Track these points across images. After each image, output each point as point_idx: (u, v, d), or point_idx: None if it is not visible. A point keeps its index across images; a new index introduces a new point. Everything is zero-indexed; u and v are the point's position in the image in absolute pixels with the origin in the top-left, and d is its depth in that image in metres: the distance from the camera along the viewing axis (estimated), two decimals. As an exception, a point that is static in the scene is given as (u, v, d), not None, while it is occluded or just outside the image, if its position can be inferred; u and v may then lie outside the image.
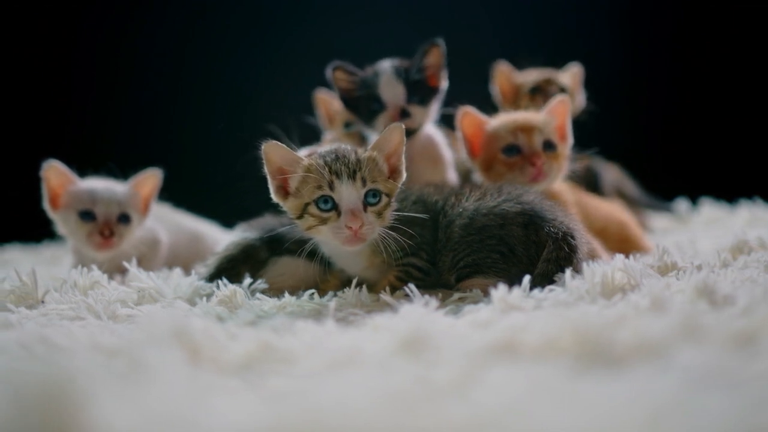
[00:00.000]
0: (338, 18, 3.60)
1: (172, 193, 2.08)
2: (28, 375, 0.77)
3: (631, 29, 3.75)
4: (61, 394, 0.72)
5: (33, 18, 3.59)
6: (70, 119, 3.60)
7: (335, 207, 1.36)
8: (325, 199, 1.36)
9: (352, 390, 0.79)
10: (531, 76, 2.09)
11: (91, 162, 1.92)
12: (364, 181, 1.36)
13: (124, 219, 1.83)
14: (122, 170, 1.93)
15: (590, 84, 2.16)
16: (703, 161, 3.49)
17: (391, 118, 1.70)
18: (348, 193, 1.35)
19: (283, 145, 1.39)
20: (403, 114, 1.71)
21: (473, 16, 3.59)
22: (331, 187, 1.35)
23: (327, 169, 1.36)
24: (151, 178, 1.90)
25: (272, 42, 3.60)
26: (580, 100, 2.12)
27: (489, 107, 1.87)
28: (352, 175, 1.35)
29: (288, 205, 1.42)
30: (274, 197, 1.43)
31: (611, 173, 2.47)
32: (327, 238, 1.39)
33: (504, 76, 2.10)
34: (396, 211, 1.42)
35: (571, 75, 2.11)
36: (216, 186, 1.99)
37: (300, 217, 1.40)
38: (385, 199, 1.39)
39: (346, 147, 1.43)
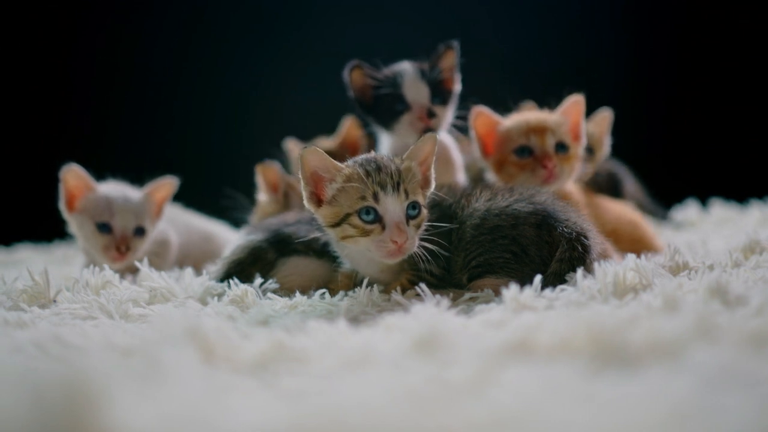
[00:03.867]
0: (337, 20, 3.61)
1: (182, 195, 2.09)
2: (45, 375, 0.77)
3: (637, 27, 3.74)
4: (79, 394, 0.72)
5: (49, 21, 3.61)
6: (82, 121, 3.62)
7: (378, 219, 1.33)
8: (368, 210, 1.32)
9: (369, 389, 0.79)
10: None
11: (102, 162, 1.93)
12: (406, 194, 1.34)
13: (140, 232, 1.84)
14: (133, 170, 1.93)
15: (598, 84, 2.14)
16: (713, 162, 3.48)
17: (418, 118, 1.69)
18: (393, 206, 1.32)
19: (322, 152, 1.36)
20: (430, 114, 1.70)
21: (469, 17, 3.59)
22: (376, 198, 1.32)
23: (370, 179, 1.33)
24: (166, 185, 1.91)
25: (280, 45, 3.61)
26: (606, 147, 1.99)
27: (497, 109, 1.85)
28: (396, 187, 1.33)
29: (322, 213, 1.39)
30: (306, 204, 1.40)
31: (632, 181, 2.45)
32: (365, 249, 1.36)
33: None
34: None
35: (599, 120, 1.97)
36: (224, 187, 2.00)
37: (335, 225, 1.37)
38: (423, 211, 1.38)
39: (383, 156, 1.41)
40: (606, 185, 2.24)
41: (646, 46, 3.71)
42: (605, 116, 1.97)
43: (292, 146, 2.21)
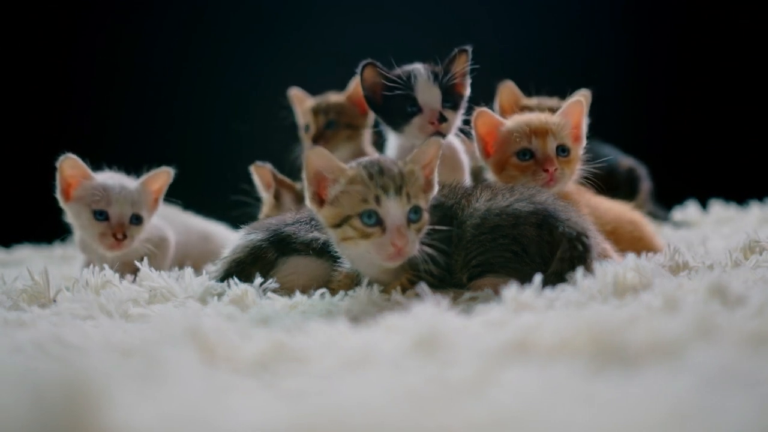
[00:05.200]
0: (337, 20, 3.61)
1: (182, 195, 2.09)
2: (45, 375, 0.77)
3: (637, 27, 3.74)
4: (79, 394, 0.72)
5: (49, 23, 3.61)
6: (82, 122, 3.62)
7: (379, 222, 1.33)
8: (369, 213, 1.32)
9: (369, 389, 0.79)
10: (535, 102, 2.04)
11: (102, 163, 1.93)
12: (408, 197, 1.34)
13: (136, 220, 1.84)
14: (133, 172, 1.94)
15: (598, 84, 2.13)
16: (713, 164, 3.48)
17: (429, 122, 1.69)
18: (395, 210, 1.32)
19: (328, 152, 1.37)
20: (441, 118, 1.70)
21: (469, 16, 3.59)
22: (378, 201, 1.32)
23: (373, 182, 1.33)
24: (162, 175, 1.91)
25: (280, 45, 3.61)
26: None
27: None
28: (398, 191, 1.32)
29: (323, 214, 1.39)
30: (309, 203, 1.41)
31: (648, 183, 2.45)
32: (365, 251, 1.36)
33: (509, 92, 2.06)
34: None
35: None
36: (221, 187, 2.01)
37: (337, 226, 1.37)
38: (425, 215, 1.37)
39: (387, 159, 1.41)
40: (625, 181, 2.25)
41: (646, 46, 3.71)
42: (584, 96, 1.97)
43: (296, 93, 2.25)
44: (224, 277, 1.55)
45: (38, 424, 0.70)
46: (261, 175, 1.98)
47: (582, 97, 1.75)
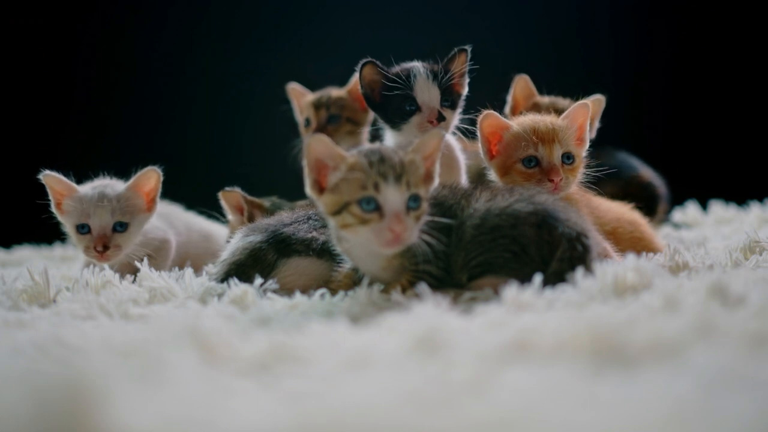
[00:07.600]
0: (337, 21, 3.62)
1: (183, 196, 2.09)
2: (46, 376, 0.77)
3: (637, 29, 3.74)
4: (80, 395, 0.72)
5: (50, 27, 3.61)
6: (82, 123, 3.62)
7: (377, 208, 1.34)
8: (368, 200, 1.33)
9: (369, 390, 0.79)
10: (547, 101, 2.04)
11: (102, 165, 1.93)
12: (408, 185, 1.35)
13: (121, 227, 1.82)
14: (132, 172, 1.93)
15: (597, 86, 2.13)
16: (713, 165, 3.48)
17: (428, 120, 1.71)
18: (393, 197, 1.33)
19: (329, 139, 1.37)
20: (440, 117, 1.72)
21: (468, 17, 3.60)
22: (377, 188, 1.33)
23: (373, 169, 1.34)
24: (150, 174, 1.88)
25: (281, 47, 3.61)
26: (593, 131, 1.97)
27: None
28: (398, 178, 1.34)
29: (324, 201, 1.40)
30: (309, 191, 1.41)
31: (665, 203, 2.45)
32: (364, 238, 1.36)
33: (524, 86, 2.05)
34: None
35: (592, 103, 1.90)
36: (221, 187, 2.01)
37: (336, 214, 1.38)
38: (424, 204, 1.38)
39: (387, 148, 1.42)
40: (642, 197, 2.25)
41: (647, 47, 3.71)
42: (599, 100, 1.98)
43: (294, 87, 2.25)
44: (224, 279, 1.55)
45: (39, 424, 0.70)
46: (230, 199, 2.00)
47: (590, 101, 1.74)
